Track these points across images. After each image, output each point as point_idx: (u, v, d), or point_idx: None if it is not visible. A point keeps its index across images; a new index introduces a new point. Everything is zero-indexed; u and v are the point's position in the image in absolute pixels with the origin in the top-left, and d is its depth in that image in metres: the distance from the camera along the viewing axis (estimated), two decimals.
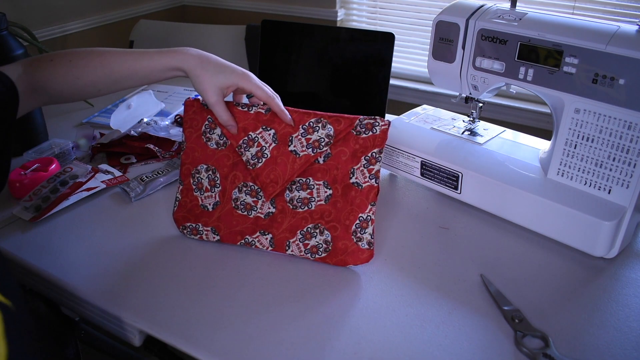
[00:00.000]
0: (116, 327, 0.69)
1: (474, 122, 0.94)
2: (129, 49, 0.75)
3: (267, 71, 1.24)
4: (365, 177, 0.73)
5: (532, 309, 0.67)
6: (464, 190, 0.86)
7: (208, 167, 0.79)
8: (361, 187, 0.73)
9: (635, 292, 0.70)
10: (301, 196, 0.75)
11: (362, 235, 0.73)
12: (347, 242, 0.73)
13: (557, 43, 0.73)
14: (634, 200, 0.72)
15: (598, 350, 0.61)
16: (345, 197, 0.74)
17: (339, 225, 0.74)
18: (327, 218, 0.74)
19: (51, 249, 0.79)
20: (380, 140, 0.73)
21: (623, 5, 1.76)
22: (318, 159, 0.75)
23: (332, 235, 0.74)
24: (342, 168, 0.74)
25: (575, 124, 0.75)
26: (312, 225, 0.75)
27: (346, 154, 0.74)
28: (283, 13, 2.36)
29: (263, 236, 0.76)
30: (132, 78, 0.74)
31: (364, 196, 0.73)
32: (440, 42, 0.86)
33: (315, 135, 0.74)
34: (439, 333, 0.64)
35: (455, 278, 0.73)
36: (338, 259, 0.74)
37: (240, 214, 0.77)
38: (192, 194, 0.79)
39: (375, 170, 0.73)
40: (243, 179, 0.77)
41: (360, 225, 0.73)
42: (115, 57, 0.73)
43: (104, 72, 0.73)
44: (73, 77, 0.72)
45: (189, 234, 0.79)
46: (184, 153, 0.79)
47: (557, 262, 0.76)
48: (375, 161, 0.73)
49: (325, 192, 0.74)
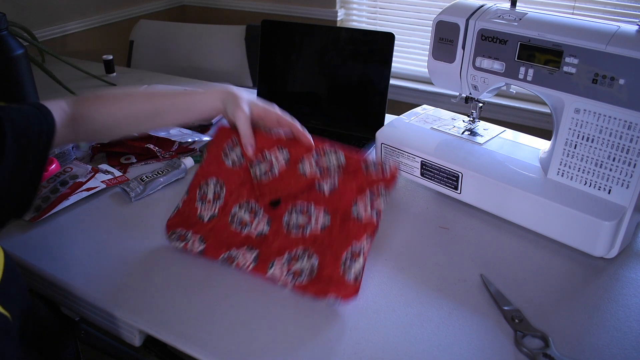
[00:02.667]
0: (116, 327, 0.69)
1: (474, 122, 0.94)
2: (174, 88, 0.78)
3: (267, 71, 1.24)
4: (366, 211, 0.71)
5: (532, 309, 0.67)
6: (464, 190, 0.86)
7: (217, 180, 0.79)
8: (361, 219, 0.70)
9: (635, 292, 0.70)
10: (299, 221, 0.73)
11: (351, 265, 0.68)
12: (333, 271, 0.69)
13: (557, 43, 0.73)
14: (634, 200, 0.72)
15: (598, 350, 0.61)
16: (342, 227, 0.71)
17: (328, 252, 0.70)
18: (318, 243, 0.72)
19: (51, 249, 0.79)
20: (388, 181, 0.72)
21: (623, 5, 1.76)
22: (324, 188, 0.74)
23: (319, 262, 0.70)
24: (346, 199, 0.72)
25: (575, 124, 0.75)
26: (302, 248, 0.72)
27: (352, 187, 0.73)
28: (283, 13, 2.36)
29: (249, 252, 0.74)
30: (171, 112, 0.76)
31: (361, 228, 0.70)
32: (440, 42, 0.86)
33: (327, 161, 0.74)
34: (439, 333, 0.64)
35: (455, 278, 0.73)
36: (320, 287, 0.69)
37: (233, 230, 0.76)
38: (194, 205, 0.78)
39: (378, 207, 0.71)
40: (247, 198, 0.77)
41: (352, 255, 0.69)
42: (158, 92, 0.77)
43: (146, 104, 0.75)
44: (116, 108, 0.75)
45: (175, 239, 0.77)
46: (201, 166, 0.80)
47: (557, 262, 0.76)
48: (379, 196, 0.71)
49: (323, 220, 0.73)
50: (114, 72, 1.57)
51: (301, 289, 0.69)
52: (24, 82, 1.08)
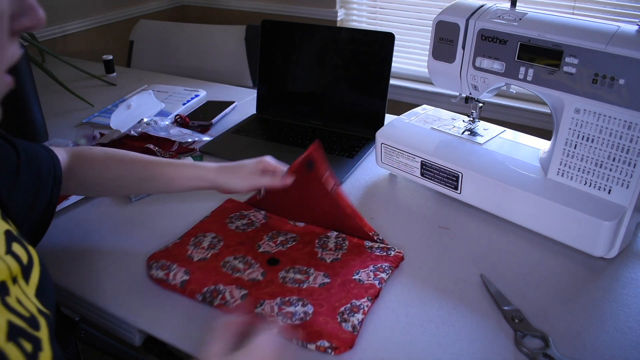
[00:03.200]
0: (116, 327, 0.69)
1: (474, 122, 0.94)
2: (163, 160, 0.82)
3: (267, 71, 1.24)
4: (369, 277, 0.69)
5: (532, 309, 0.67)
6: (464, 190, 0.86)
7: (216, 235, 0.79)
8: (362, 282, 0.69)
9: (635, 292, 0.70)
10: (296, 277, 0.71)
11: (349, 317, 0.63)
12: (328, 319, 0.63)
13: (557, 43, 0.73)
14: (634, 200, 0.72)
15: (598, 350, 0.61)
16: (342, 287, 0.68)
17: (325, 304, 0.65)
18: (315, 296, 0.67)
19: (51, 249, 0.79)
20: (392, 262, 0.73)
21: (623, 5, 1.76)
22: (326, 258, 0.74)
23: (314, 310, 0.64)
24: (348, 269, 0.72)
25: (575, 124, 0.75)
26: (297, 297, 0.67)
27: (355, 260, 0.73)
28: (283, 13, 2.36)
29: (237, 289, 0.68)
30: (157, 181, 0.77)
31: (362, 289, 0.67)
32: (440, 42, 0.86)
33: (330, 243, 0.77)
34: (439, 333, 0.64)
35: (455, 278, 0.73)
36: (312, 331, 0.61)
37: (223, 271, 0.71)
38: (185, 247, 0.76)
39: (381, 277, 0.69)
40: (244, 253, 0.75)
41: (351, 309, 0.64)
42: (147, 159, 0.79)
43: (132, 169, 0.77)
44: (103, 167, 0.77)
45: (156, 268, 0.71)
46: (200, 222, 0.82)
47: (557, 262, 0.76)
48: (383, 271, 0.70)
49: (322, 280, 0.70)
50: (114, 72, 1.57)
51: (291, 330, 0.62)
52: (24, 82, 1.08)
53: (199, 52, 1.98)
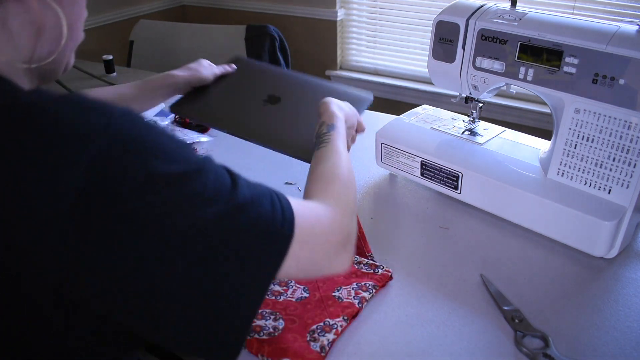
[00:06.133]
0: None
1: (474, 122, 0.94)
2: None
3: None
4: (349, 296, 0.68)
5: (532, 309, 0.67)
6: (464, 190, 0.86)
7: None
8: (341, 300, 0.67)
9: (635, 292, 0.70)
10: (274, 289, 0.69)
11: (319, 337, 0.62)
12: (297, 336, 0.62)
13: (557, 43, 0.73)
14: (634, 200, 0.72)
15: (598, 350, 0.61)
16: (320, 304, 0.67)
17: (298, 320, 0.64)
18: (289, 311, 0.66)
19: None
20: (377, 280, 0.70)
21: (623, 5, 1.76)
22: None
23: (284, 326, 0.64)
24: (330, 284, 0.70)
25: (575, 124, 0.75)
26: (270, 311, 0.66)
27: (339, 276, 0.71)
28: (283, 13, 2.36)
29: None
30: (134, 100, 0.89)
31: (340, 308, 0.66)
32: (440, 42, 0.86)
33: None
34: (439, 333, 0.64)
35: (455, 278, 0.73)
36: (277, 348, 0.60)
37: None
38: None
39: (363, 296, 0.68)
40: None
41: (323, 328, 0.63)
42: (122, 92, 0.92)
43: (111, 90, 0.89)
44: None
45: None
46: None
47: (557, 262, 0.76)
48: (366, 289, 0.69)
49: (300, 294, 0.69)
50: (114, 72, 1.57)
51: (255, 344, 0.61)
52: None
53: (199, 52, 1.98)
